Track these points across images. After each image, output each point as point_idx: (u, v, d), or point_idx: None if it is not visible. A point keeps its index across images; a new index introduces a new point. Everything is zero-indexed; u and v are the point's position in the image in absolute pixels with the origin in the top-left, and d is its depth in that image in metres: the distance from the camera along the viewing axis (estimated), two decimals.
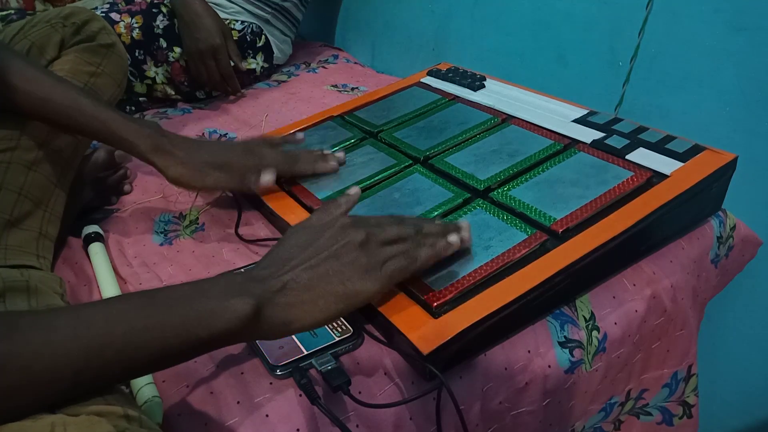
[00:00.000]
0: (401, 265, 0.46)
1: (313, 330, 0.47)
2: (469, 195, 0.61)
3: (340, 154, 0.72)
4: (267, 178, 0.65)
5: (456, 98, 0.83)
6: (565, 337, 0.53)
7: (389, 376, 0.48)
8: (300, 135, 0.75)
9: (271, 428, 0.44)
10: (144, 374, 0.38)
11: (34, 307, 0.52)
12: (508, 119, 0.75)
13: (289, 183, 0.70)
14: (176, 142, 0.63)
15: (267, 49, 1.20)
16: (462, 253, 0.53)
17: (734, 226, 0.68)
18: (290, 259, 0.43)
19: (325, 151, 0.71)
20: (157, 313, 0.36)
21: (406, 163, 0.69)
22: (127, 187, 0.79)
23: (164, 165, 0.62)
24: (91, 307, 0.37)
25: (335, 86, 1.15)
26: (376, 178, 0.68)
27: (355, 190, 0.52)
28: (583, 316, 0.55)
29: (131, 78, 1.06)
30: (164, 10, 1.08)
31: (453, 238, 0.50)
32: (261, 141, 0.70)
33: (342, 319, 0.51)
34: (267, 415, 0.45)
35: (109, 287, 0.60)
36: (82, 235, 0.68)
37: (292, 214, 0.65)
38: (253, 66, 1.18)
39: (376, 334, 0.50)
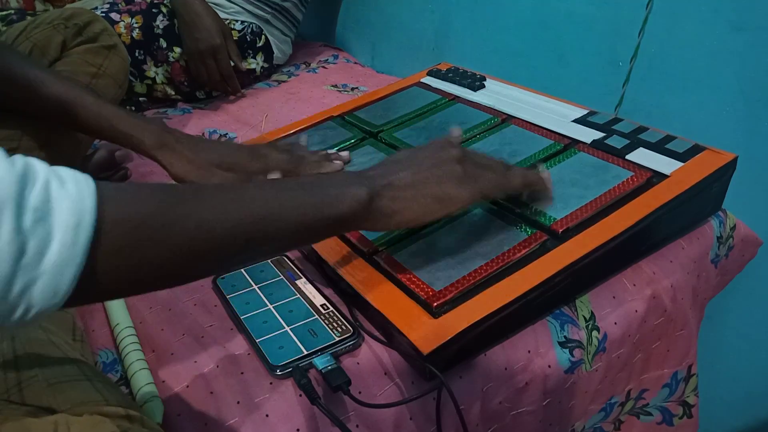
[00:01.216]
0: (495, 181, 0.51)
1: (416, 225, 0.50)
2: None
3: (345, 154, 0.72)
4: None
5: (456, 98, 0.83)
6: (565, 337, 0.53)
7: (389, 376, 0.48)
8: (303, 139, 0.75)
9: (271, 428, 0.44)
10: (287, 250, 0.45)
11: None
12: (508, 119, 0.75)
13: None
14: (182, 140, 0.63)
15: (267, 49, 1.20)
16: (463, 252, 0.53)
17: (734, 226, 0.68)
18: (395, 165, 0.49)
19: (330, 152, 0.72)
20: (298, 194, 0.41)
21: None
22: None
23: (169, 162, 0.62)
24: (246, 187, 0.41)
25: (335, 86, 1.15)
26: None
27: (458, 132, 0.59)
28: (583, 316, 0.55)
29: (131, 78, 1.06)
30: (164, 10, 1.08)
31: (545, 174, 0.56)
32: (265, 145, 0.70)
33: (342, 318, 0.51)
34: (267, 415, 0.45)
35: None
36: None
37: None
38: (253, 66, 1.18)
39: (376, 334, 0.51)
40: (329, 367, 0.46)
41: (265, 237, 0.39)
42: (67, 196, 0.29)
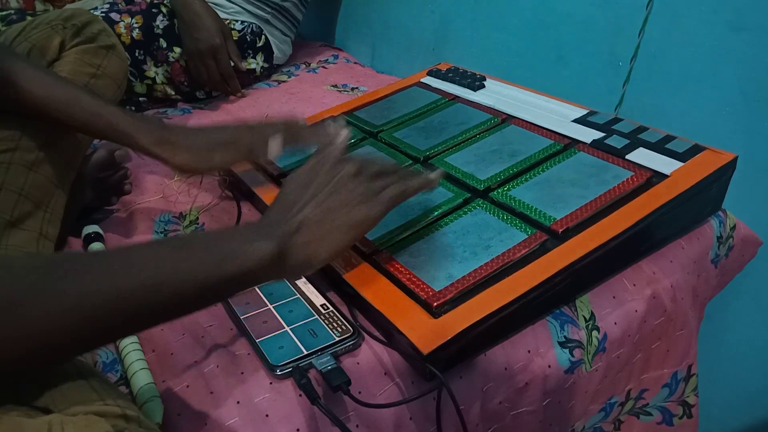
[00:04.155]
0: (397, 190, 0.49)
1: (332, 260, 0.48)
2: (469, 195, 0.61)
3: (342, 121, 0.73)
4: (275, 145, 0.64)
5: (456, 98, 0.83)
6: (565, 337, 0.53)
7: (389, 376, 0.48)
8: (301, 116, 0.74)
9: (271, 428, 0.44)
10: (185, 314, 0.40)
11: None
12: (508, 119, 0.75)
13: None
14: (177, 132, 0.63)
15: (267, 49, 1.20)
16: (463, 252, 0.53)
17: (734, 226, 0.68)
18: (297, 201, 0.46)
19: (329, 121, 0.70)
20: (195, 254, 0.39)
21: (406, 163, 0.69)
22: (127, 187, 0.79)
23: (169, 155, 0.62)
24: (139, 250, 0.39)
25: (335, 86, 1.15)
26: None
27: (345, 132, 0.55)
28: (583, 316, 0.55)
29: (131, 78, 1.06)
30: (164, 10, 1.08)
31: (433, 174, 0.53)
32: (260, 120, 0.70)
33: (342, 318, 0.51)
34: (267, 415, 0.45)
35: None
36: (82, 235, 0.68)
37: None
38: (253, 66, 1.18)
39: (376, 334, 0.50)
40: (329, 367, 0.46)
41: (158, 304, 0.37)
42: None
